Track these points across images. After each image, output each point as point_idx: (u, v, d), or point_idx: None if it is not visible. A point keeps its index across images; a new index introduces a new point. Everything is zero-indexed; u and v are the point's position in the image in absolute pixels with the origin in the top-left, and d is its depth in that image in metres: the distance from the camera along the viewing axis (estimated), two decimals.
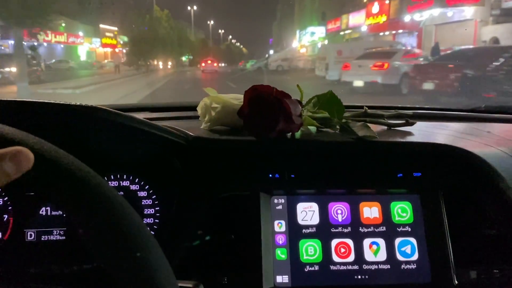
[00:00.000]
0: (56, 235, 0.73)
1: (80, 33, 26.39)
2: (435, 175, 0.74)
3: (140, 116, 0.96)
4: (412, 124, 0.86)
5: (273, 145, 0.73)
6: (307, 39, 32.88)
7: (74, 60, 23.83)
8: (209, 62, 29.04)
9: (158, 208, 0.75)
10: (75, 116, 0.60)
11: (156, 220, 0.75)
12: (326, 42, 28.63)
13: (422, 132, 0.86)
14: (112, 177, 0.76)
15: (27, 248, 0.73)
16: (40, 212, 0.74)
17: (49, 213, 0.74)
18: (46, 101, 0.58)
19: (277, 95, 0.72)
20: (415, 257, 0.70)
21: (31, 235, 0.73)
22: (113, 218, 0.34)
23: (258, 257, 0.68)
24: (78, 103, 0.60)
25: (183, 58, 38.02)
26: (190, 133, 0.74)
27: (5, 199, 0.73)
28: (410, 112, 0.93)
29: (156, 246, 0.36)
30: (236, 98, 0.78)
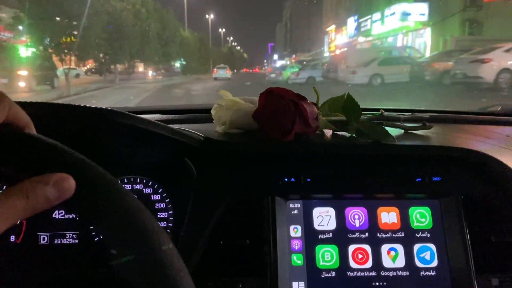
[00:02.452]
0: (69, 238, 0.73)
1: None
2: (454, 179, 0.72)
3: (153, 118, 0.96)
4: (429, 127, 0.84)
5: (288, 149, 0.72)
6: (382, 27, 20.67)
7: None
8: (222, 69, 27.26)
9: (171, 212, 0.75)
10: (91, 118, 0.60)
11: (169, 224, 0.74)
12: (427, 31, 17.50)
13: (440, 135, 0.84)
14: (126, 180, 0.75)
15: (40, 251, 0.72)
16: (53, 216, 0.73)
17: (62, 217, 0.73)
18: (63, 103, 0.58)
19: (293, 97, 0.71)
20: (435, 263, 0.68)
21: (44, 239, 0.72)
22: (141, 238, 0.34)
23: (274, 263, 0.66)
24: (94, 106, 0.59)
25: (176, 64, 29.15)
26: (204, 137, 0.73)
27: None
28: (426, 115, 0.91)
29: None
30: (251, 101, 0.77)
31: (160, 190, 0.75)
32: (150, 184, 0.75)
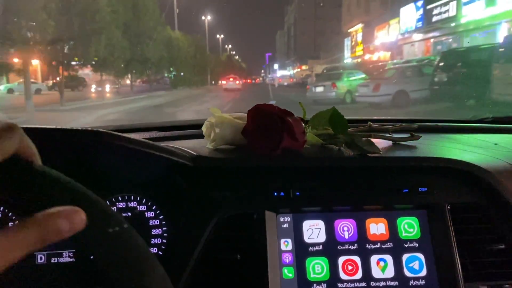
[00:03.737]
0: (65, 257, 0.74)
1: None
2: (441, 189, 0.74)
3: (146, 135, 0.97)
4: (417, 138, 0.86)
5: (277, 163, 0.74)
6: (488, 11, 11.93)
7: None
8: (231, 80, 26.99)
9: (165, 228, 0.76)
10: (80, 140, 0.62)
11: (163, 240, 0.76)
12: None
13: (427, 146, 0.85)
14: (120, 198, 0.76)
15: (38, 271, 0.73)
16: None
17: None
18: (49, 126, 0.59)
19: (279, 113, 0.73)
20: (423, 273, 0.69)
21: (41, 258, 0.74)
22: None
23: (265, 277, 0.67)
24: (82, 128, 0.61)
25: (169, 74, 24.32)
26: (195, 153, 0.74)
27: (15, 222, 0.74)
28: (415, 125, 0.93)
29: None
30: (240, 118, 0.78)
31: (154, 207, 0.77)
32: (143, 201, 0.77)
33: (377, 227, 0.72)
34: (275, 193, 0.73)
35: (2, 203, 0.71)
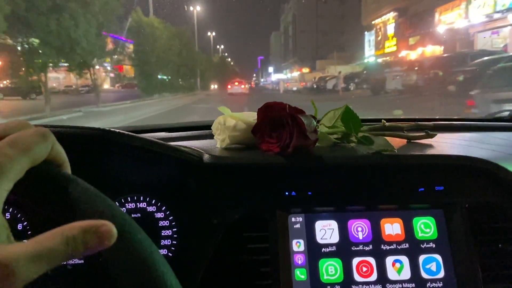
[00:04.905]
0: (74, 260, 0.73)
1: None
2: (458, 188, 0.71)
3: (154, 136, 0.97)
4: (432, 136, 0.83)
5: (288, 162, 0.72)
6: None
7: None
8: (236, 84, 26.22)
9: (175, 229, 0.75)
10: (89, 139, 0.61)
11: (173, 242, 0.74)
12: None
13: (442, 144, 0.83)
14: (129, 199, 0.76)
15: (45, 274, 0.72)
16: None
17: None
18: (58, 125, 0.59)
19: (290, 111, 0.72)
20: (441, 274, 0.67)
21: None
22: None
23: (277, 278, 0.66)
24: (91, 127, 0.60)
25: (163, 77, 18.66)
26: (205, 153, 0.73)
27: (24, 223, 0.73)
28: (430, 123, 0.90)
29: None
30: (250, 116, 0.77)
31: (164, 207, 0.75)
32: (153, 202, 0.76)
33: (392, 227, 0.70)
34: (287, 193, 0.71)
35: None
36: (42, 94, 11.54)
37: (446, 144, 0.85)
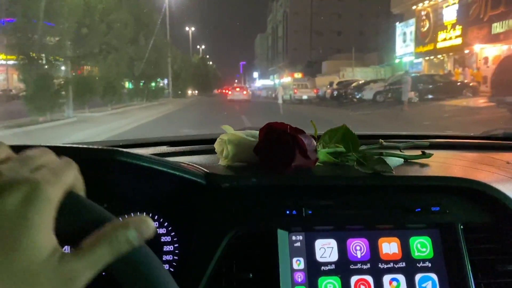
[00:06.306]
0: None
1: None
2: (454, 209, 0.73)
3: (156, 150, 0.98)
4: (429, 156, 0.85)
5: (289, 181, 0.74)
6: None
7: None
8: (238, 89, 25.20)
9: (177, 245, 0.76)
10: (93, 158, 0.62)
11: (175, 257, 0.76)
12: None
13: (439, 164, 0.85)
14: (132, 215, 0.77)
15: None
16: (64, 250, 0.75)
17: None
18: (62, 145, 0.60)
19: (291, 131, 0.74)
20: None
21: None
22: None
23: None
24: (96, 147, 0.62)
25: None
26: (207, 171, 0.75)
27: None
28: (426, 142, 0.93)
29: None
30: (252, 135, 0.79)
31: (166, 224, 0.77)
32: (155, 218, 0.77)
33: (389, 246, 0.71)
34: (287, 211, 0.73)
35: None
36: None
37: (442, 164, 0.87)
